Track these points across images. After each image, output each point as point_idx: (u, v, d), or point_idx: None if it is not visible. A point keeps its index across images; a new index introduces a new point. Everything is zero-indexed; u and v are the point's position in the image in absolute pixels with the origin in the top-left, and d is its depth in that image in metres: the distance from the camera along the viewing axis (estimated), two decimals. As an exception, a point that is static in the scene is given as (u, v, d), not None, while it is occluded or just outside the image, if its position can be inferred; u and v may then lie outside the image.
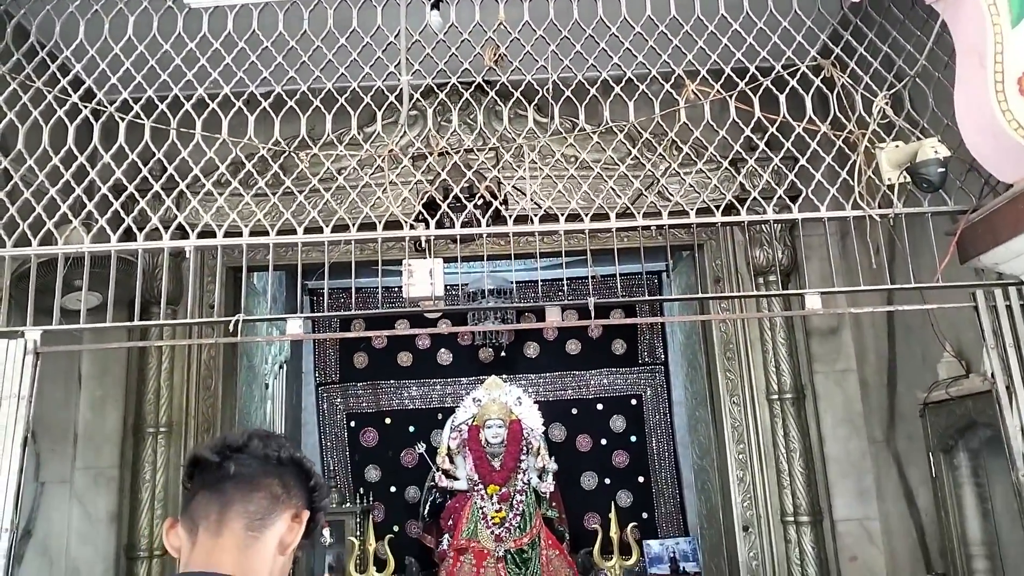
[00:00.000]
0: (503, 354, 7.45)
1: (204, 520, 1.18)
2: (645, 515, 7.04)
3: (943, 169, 2.23)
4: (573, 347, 7.57)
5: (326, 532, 6.28)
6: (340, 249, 3.41)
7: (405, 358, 7.48)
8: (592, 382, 7.53)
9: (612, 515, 5.91)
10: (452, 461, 6.15)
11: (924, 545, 3.29)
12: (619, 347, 7.56)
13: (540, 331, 7.58)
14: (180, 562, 1.20)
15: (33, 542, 3.46)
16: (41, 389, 3.27)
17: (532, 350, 7.61)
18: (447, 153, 2.41)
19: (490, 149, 2.63)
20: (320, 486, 1.29)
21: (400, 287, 2.29)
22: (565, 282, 5.28)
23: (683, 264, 4.59)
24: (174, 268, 3.66)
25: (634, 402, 7.46)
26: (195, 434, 3.72)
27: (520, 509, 5.84)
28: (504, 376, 6.76)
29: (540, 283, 4.42)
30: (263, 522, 1.20)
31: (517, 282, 6.58)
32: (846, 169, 2.43)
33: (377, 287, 2.96)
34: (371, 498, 6.67)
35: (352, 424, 7.29)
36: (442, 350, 7.54)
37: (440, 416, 7.03)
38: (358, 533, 5.99)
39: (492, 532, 5.70)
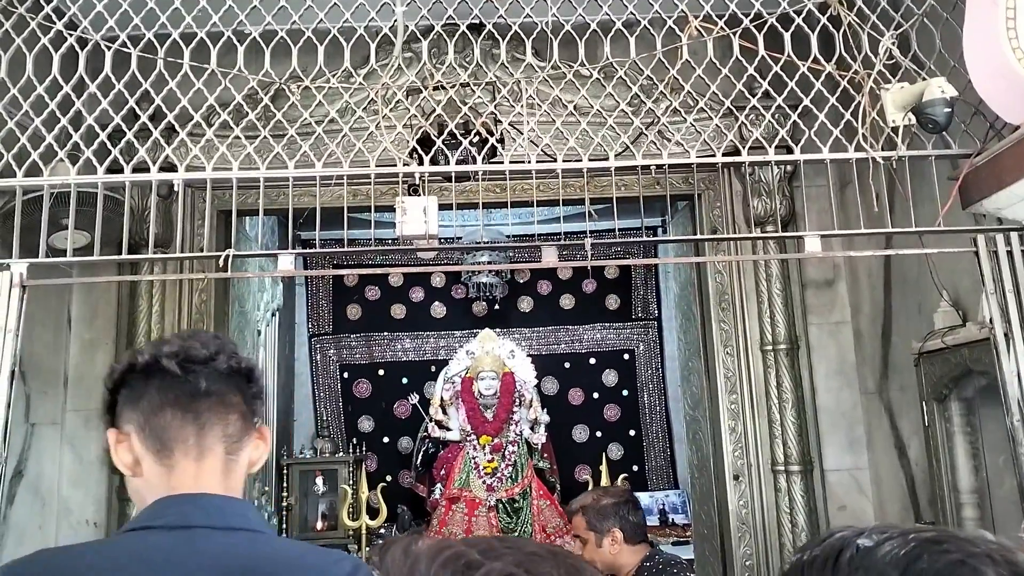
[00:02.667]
0: (497, 308, 7.44)
1: (181, 444, 1.12)
2: (635, 468, 7.11)
3: (949, 109, 2.18)
4: (567, 302, 7.57)
5: (319, 480, 6.34)
6: (332, 193, 3.35)
7: (398, 310, 7.47)
8: (585, 337, 7.54)
9: (603, 467, 5.98)
10: (445, 412, 6.19)
11: (914, 494, 3.32)
12: (613, 302, 7.55)
13: (534, 285, 7.57)
14: (149, 484, 1.12)
15: (24, 482, 3.46)
16: (30, 331, 3.26)
17: (526, 304, 7.60)
18: (442, 87, 2.35)
19: (486, 84, 2.57)
20: (261, 391, 1.22)
21: (394, 239, 2.25)
22: (562, 236, 5.24)
23: (680, 216, 4.55)
24: (163, 210, 3.60)
25: (627, 357, 7.49)
26: (186, 377, 3.70)
27: (512, 460, 5.89)
28: (497, 330, 6.76)
29: (536, 236, 4.37)
30: (239, 444, 1.16)
31: (512, 236, 6.54)
32: (850, 111, 2.38)
33: (370, 238, 2.91)
34: (364, 448, 6.70)
35: (345, 375, 7.30)
36: (436, 303, 7.53)
37: (433, 368, 7.04)
38: (351, 482, 6.03)
39: (484, 482, 5.76)
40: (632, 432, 7.31)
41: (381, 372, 7.32)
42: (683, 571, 2.31)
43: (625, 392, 7.41)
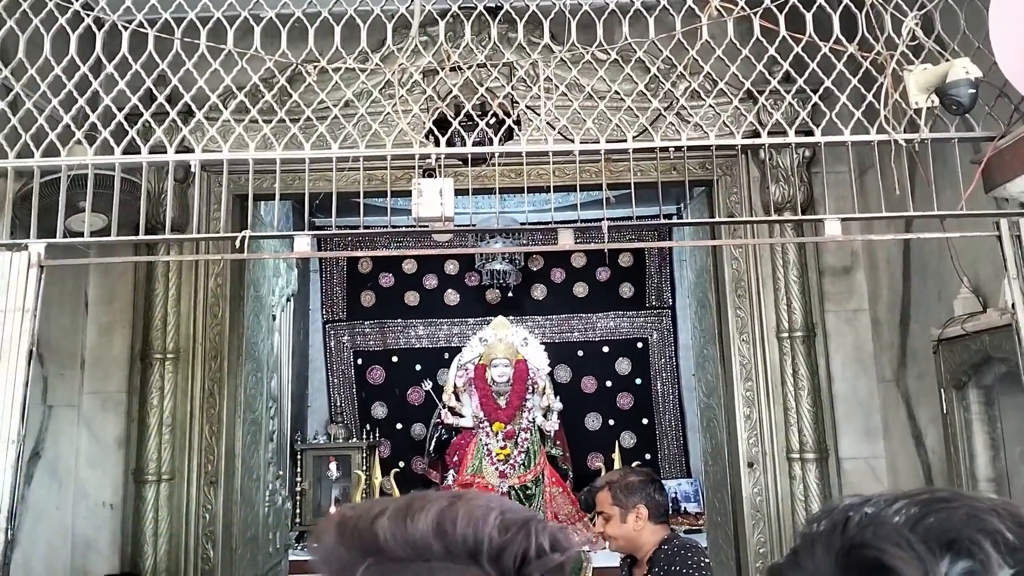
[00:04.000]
0: (510, 295, 7.44)
1: None
2: (648, 456, 7.11)
3: (974, 90, 2.15)
4: (580, 290, 7.56)
5: (333, 466, 6.38)
6: (348, 179, 3.35)
7: (412, 298, 7.48)
8: (599, 325, 7.53)
9: (616, 455, 5.97)
10: (458, 399, 6.19)
11: (931, 483, 3.29)
12: (627, 290, 7.54)
13: (548, 273, 7.56)
14: None
15: (42, 463, 3.48)
16: (48, 313, 3.27)
17: (539, 292, 7.59)
18: (459, 68, 2.34)
19: (503, 65, 2.55)
20: None
21: (409, 226, 2.25)
22: (578, 223, 5.21)
23: (697, 203, 4.52)
24: (180, 194, 3.61)
25: (640, 345, 7.48)
26: (203, 361, 3.72)
27: (525, 447, 5.89)
28: (511, 317, 6.76)
29: (552, 222, 4.35)
30: None
31: (528, 222, 6.51)
32: (872, 92, 2.35)
33: (386, 225, 2.90)
34: (377, 434, 6.74)
35: (359, 361, 7.33)
36: (449, 290, 7.54)
37: (446, 355, 7.05)
38: (364, 468, 6.06)
39: (497, 468, 5.76)
40: (645, 420, 7.31)
41: (395, 359, 7.34)
42: (697, 555, 2.30)
43: (638, 380, 7.40)
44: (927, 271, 3.30)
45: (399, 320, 7.43)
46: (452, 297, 7.55)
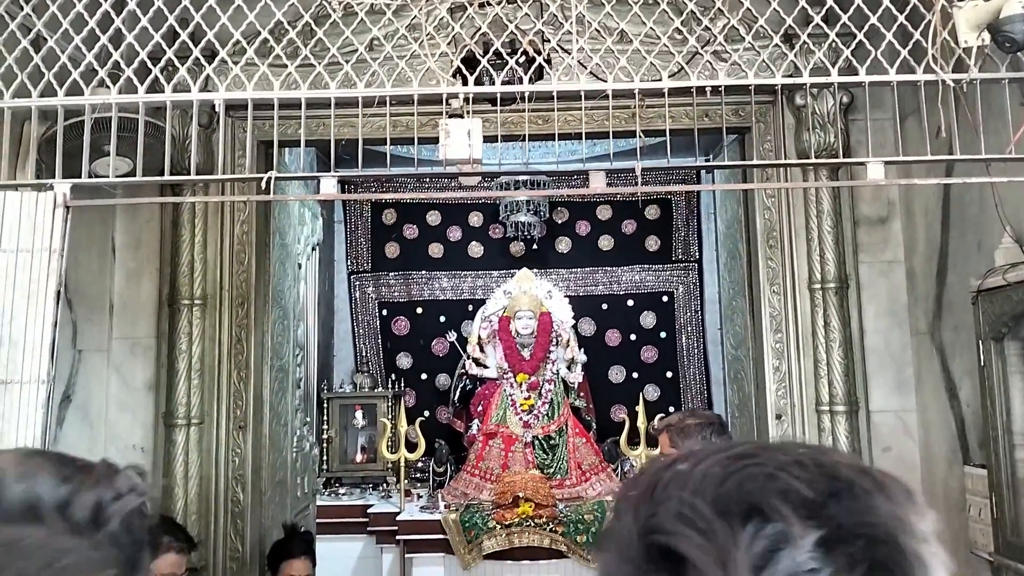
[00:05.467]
0: (534, 248, 7.38)
1: None
2: (672, 409, 7.07)
3: (1030, 26, 2.04)
4: (606, 243, 7.47)
5: (359, 414, 6.45)
6: (373, 125, 3.29)
7: (436, 249, 7.45)
8: (624, 278, 7.46)
9: (640, 407, 5.95)
10: (482, 350, 6.20)
11: (963, 437, 3.24)
12: (652, 244, 7.44)
13: (573, 226, 7.49)
14: None
15: (73, 407, 3.53)
16: (76, 258, 3.29)
17: (564, 245, 7.52)
18: (488, 4, 2.26)
19: (534, 2, 2.47)
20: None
21: (435, 176, 2.20)
22: (611, 166, 5.12)
23: (729, 152, 4.41)
24: (204, 140, 3.58)
25: (665, 299, 7.41)
26: (229, 307, 3.73)
27: (548, 397, 5.90)
28: (535, 270, 6.72)
29: (584, 162, 4.28)
30: None
31: (557, 174, 6.41)
32: (919, 31, 2.24)
33: (411, 174, 2.84)
34: (403, 384, 6.77)
35: (384, 313, 7.34)
36: (473, 243, 7.49)
37: (471, 307, 7.04)
38: (390, 416, 6.11)
39: (520, 418, 5.79)
40: (669, 374, 7.27)
41: (419, 310, 7.35)
42: None
43: (663, 334, 7.35)
44: (966, 221, 3.20)
45: (423, 272, 7.42)
46: (476, 249, 7.50)
